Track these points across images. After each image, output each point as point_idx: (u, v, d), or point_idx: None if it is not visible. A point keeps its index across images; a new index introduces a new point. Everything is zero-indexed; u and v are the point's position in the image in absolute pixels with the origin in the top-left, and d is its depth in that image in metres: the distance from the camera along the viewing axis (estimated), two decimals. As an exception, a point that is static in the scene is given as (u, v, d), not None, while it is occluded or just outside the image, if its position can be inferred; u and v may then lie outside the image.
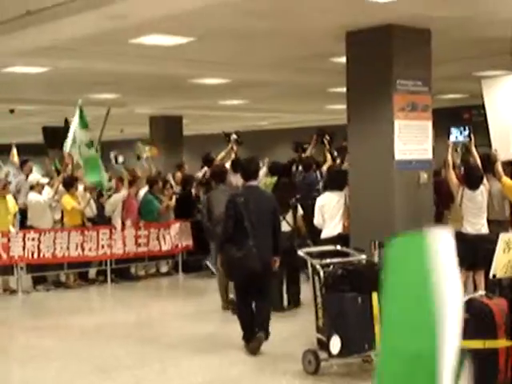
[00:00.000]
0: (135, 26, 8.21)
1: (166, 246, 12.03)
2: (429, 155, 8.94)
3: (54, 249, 10.95)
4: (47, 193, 11.24)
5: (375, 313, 6.00)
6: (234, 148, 11.33)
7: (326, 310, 6.17)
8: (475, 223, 7.79)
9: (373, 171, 8.72)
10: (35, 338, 8.26)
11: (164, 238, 11.98)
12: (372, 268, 6.30)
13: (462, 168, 9.31)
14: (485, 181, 7.95)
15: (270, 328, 7.19)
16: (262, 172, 10.06)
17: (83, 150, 11.38)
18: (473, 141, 8.88)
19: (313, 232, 9.10)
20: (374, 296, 6.04)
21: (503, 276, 5.73)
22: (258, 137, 25.00)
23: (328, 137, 11.66)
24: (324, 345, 6.10)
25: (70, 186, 11.23)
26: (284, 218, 8.75)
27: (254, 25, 8.50)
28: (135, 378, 6.57)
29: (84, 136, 11.44)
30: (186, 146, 21.53)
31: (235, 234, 7.01)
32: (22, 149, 11.70)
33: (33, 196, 11.14)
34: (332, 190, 8.71)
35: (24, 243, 10.77)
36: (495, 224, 8.05)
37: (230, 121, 23.18)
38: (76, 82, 13.10)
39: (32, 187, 11.34)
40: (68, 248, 11.05)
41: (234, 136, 11.42)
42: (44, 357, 7.36)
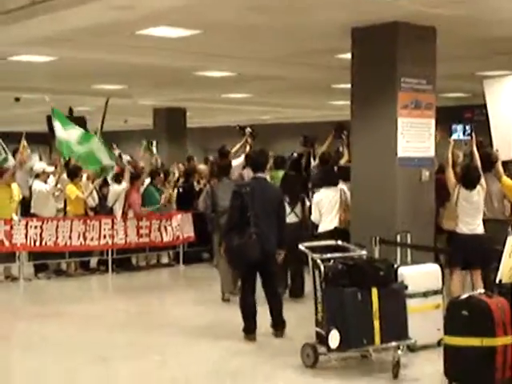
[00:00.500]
0: (141, 18, 8.22)
1: (167, 237, 12.06)
2: (431, 153, 8.98)
3: (56, 237, 11.00)
4: (51, 181, 11.30)
5: (374, 308, 6.05)
6: (249, 141, 11.37)
7: (325, 304, 6.21)
8: (470, 223, 7.66)
9: (375, 167, 8.77)
10: (36, 325, 8.31)
11: (166, 229, 12.01)
12: (372, 264, 6.35)
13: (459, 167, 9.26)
14: (482, 181, 7.76)
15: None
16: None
17: (76, 148, 11.25)
18: (474, 140, 8.86)
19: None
20: (374, 291, 6.08)
21: (509, 281, 5.73)
22: (260, 131, 24.92)
23: (346, 132, 11.64)
24: (323, 339, 6.14)
25: (75, 175, 11.30)
26: (293, 210, 9.09)
27: (259, 19, 8.52)
28: (135, 367, 6.63)
29: (73, 134, 11.21)
30: (190, 138, 21.55)
31: (239, 222, 7.12)
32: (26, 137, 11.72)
33: (37, 184, 11.21)
34: (328, 186, 9.00)
35: (26, 231, 10.83)
36: (494, 223, 8.04)
37: (233, 114, 23.16)
38: (81, 72, 13.12)
39: (37, 175, 11.39)
40: (70, 237, 11.09)
41: (248, 129, 11.46)
42: (44, 344, 7.41)
